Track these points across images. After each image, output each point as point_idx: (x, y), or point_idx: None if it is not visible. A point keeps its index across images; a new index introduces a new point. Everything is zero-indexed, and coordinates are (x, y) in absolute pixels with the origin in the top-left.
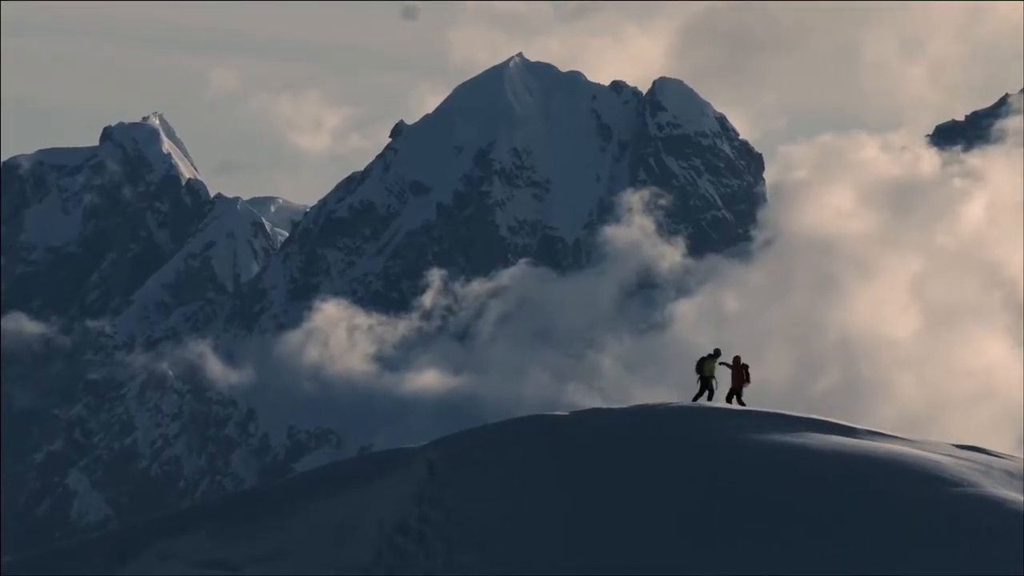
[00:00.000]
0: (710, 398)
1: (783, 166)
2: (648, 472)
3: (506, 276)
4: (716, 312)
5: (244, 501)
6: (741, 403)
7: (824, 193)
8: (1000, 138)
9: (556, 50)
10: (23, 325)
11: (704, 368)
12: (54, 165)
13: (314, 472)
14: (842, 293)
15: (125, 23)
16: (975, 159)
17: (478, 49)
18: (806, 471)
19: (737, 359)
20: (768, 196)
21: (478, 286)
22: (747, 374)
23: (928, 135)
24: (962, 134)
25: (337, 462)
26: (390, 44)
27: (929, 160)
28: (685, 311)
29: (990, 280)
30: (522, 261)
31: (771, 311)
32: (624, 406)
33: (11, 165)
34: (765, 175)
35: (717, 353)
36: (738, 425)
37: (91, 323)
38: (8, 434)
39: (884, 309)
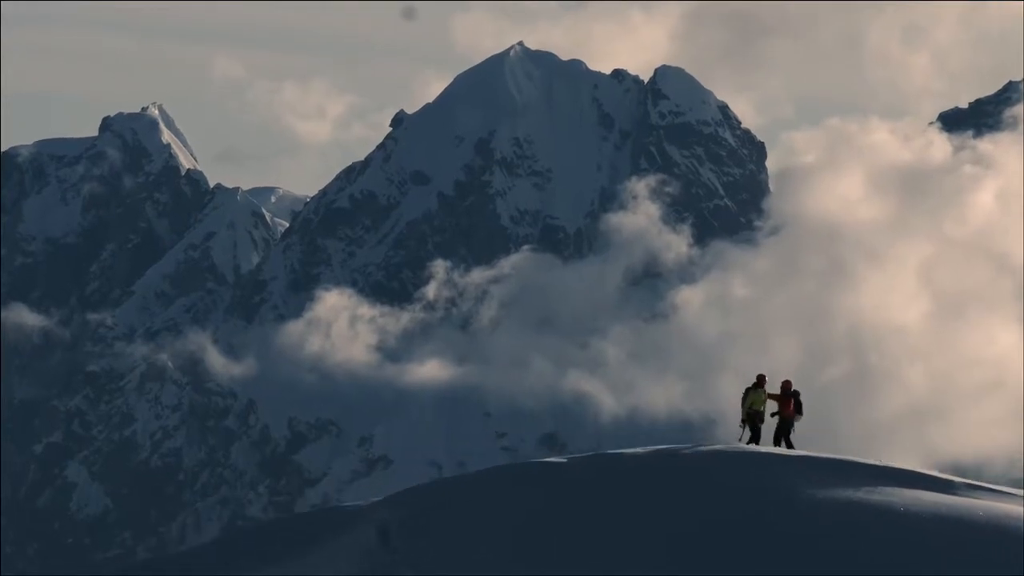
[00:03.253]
0: (756, 440)
1: (790, 152)
2: (667, 545)
3: (508, 263)
4: (722, 300)
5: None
6: (790, 444)
7: (832, 179)
8: (1011, 125)
9: (557, 39)
10: (23, 316)
11: (749, 402)
12: (53, 155)
13: (239, 534)
14: (850, 281)
15: (125, 13)
16: (987, 144)
17: (482, 37)
18: (898, 546)
19: (787, 385)
20: (773, 183)
21: (480, 274)
22: (799, 403)
23: (931, 123)
24: (966, 122)
25: (271, 521)
26: (394, 33)
27: (940, 147)
28: (690, 299)
29: (1000, 268)
30: (525, 248)
31: (778, 299)
32: (638, 450)
33: (10, 155)
34: (768, 163)
35: (761, 381)
36: (793, 477)
37: (91, 314)
38: (8, 426)
39: (893, 297)
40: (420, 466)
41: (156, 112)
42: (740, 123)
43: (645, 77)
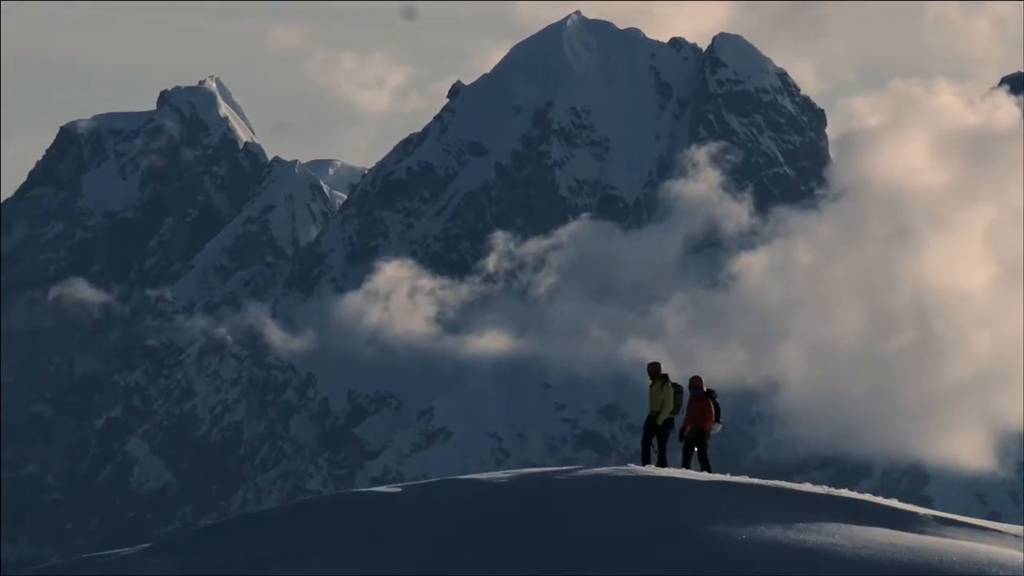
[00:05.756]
0: (659, 458)
1: (850, 117)
2: None
3: (567, 232)
4: (784, 267)
5: None
6: (706, 463)
7: (896, 143)
8: None
9: (614, 8)
10: (83, 291)
11: (654, 399)
12: (112, 130)
13: None
14: (914, 247)
15: None
16: None
17: (539, 7)
18: None
19: (698, 382)
20: (834, 150)
21: (537, 243)
22: (716, 408)
23: (994, 87)
24: None
25: None
26: (452, 2)
27: (1007, 110)
28: (751, 266)
29: None
30: (584, 216)
31: (841, 265)
32: (498, 475)
33: (69, 130)
34: (829, 130)
35: (656, 371)
36: (706, 510)
37: (150, 289)
38: (70, 400)
39: (958, 263)
40: (480, 438)
41: (213, 85)
42: (799, 90)
43: (703, 45)
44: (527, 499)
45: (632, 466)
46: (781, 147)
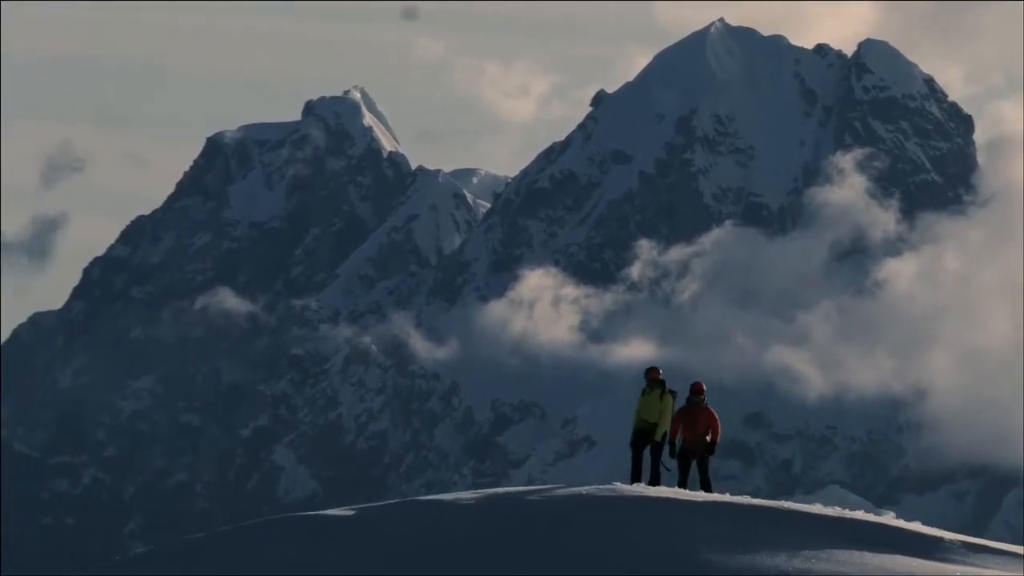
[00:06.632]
0: (652, 475)
1: (1000, 121)
2: None
3: (710, 239)
4: (932, 273)
5: None
6: (707, 483)
7: None
8: None
9: (758, 14)
10: (229, 301)
11: (650, 409)
12: (257, 140)
13: None
14: None
15: None
16: None
17: (683, 13)
18: None
19: (700, 388)
20: (982, 155)
21: (681, 251)
22: (713, 421)
23: None
24: None
25: None
26: (595, 9)
27: None
28: (899, 273)
29: None
30: (728, 223)
31: (990, 271)
32: (460, 495)
33: (216, 141)
34: (977, 136)
35: (655, 376)
36: (707, 536)
37: (295, 299)
38: (217, 410)
39: None
40: (624, 447)
41: (358, 95)
42: (946, 96)
43: (848, 51)
44: (494, 523)
45: (618, 484)
46: (928, 153)
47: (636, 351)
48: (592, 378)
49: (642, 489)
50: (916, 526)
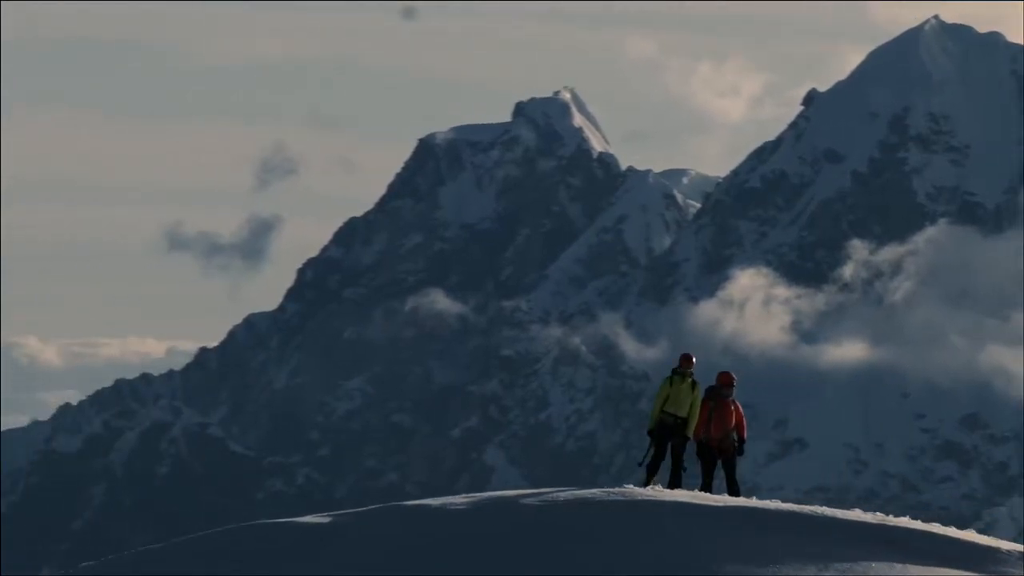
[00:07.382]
0: (672, 475)
1: None
2: None
3: (923, 238)
4: None
5: None
6: (735, 486)
7: None
8: None
9: (974, 11)
10: (440, 302)
11: (662, 400)
12: (468, 142)
13: None
14: None
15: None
16: None
17: (897, 10)
18: None
19: (728, 379)
20: None
21: (895, 250)
22: (740, 418)
23: None
24: None
25: None
26: (809, 8)
27: None
28: None
29: None
30: (942, 221)
31: None
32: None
33: (427, 143)
34: None
35: (687, 365)
36: (734, 545)
37: (505, 300)
38: (428, 410)
39: None
40: (836, 448)
41: (568, 96)
42: None
43: None
44: (480, 530)
45: (630, 487)
46: None
47: (848, 352)
48: (804, 379)
49: (656, 492)
50: (970, 535)
